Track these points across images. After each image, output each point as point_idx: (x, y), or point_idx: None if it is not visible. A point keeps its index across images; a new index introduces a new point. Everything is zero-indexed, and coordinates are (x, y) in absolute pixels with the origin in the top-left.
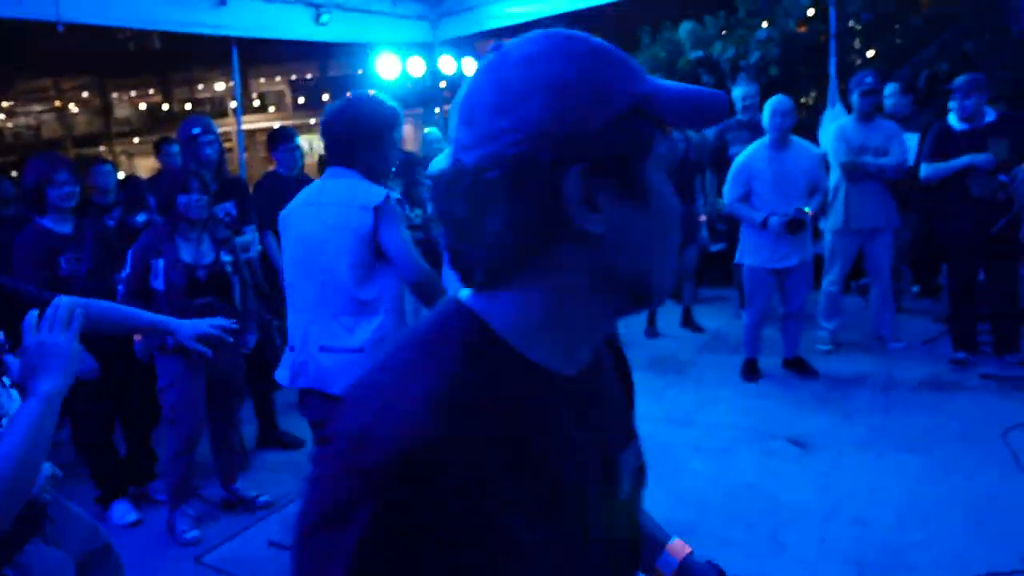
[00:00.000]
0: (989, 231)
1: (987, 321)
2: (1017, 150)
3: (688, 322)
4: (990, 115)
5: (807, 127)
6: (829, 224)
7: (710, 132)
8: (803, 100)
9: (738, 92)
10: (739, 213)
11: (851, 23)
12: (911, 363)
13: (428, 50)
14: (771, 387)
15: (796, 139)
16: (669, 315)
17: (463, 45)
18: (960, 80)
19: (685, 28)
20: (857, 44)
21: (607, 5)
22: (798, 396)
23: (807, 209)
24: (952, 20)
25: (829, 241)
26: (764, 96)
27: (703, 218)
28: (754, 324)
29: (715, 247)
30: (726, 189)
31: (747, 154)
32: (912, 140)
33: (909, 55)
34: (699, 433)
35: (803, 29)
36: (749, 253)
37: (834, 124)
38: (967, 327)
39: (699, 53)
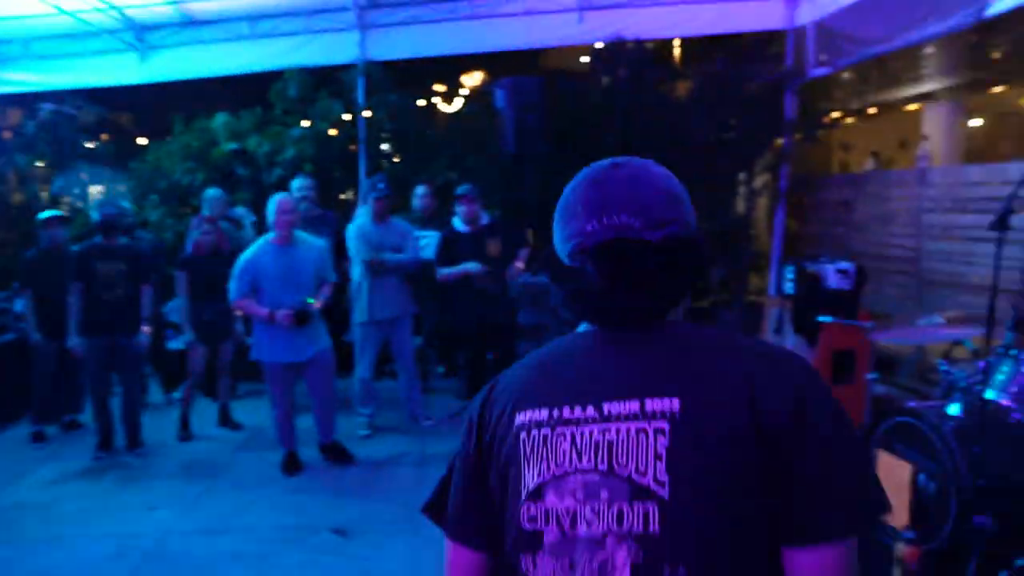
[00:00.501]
0: (492, 317)
1: None
2: (508, 248)
3: (225, 420)
4: (486, 218)
5: (343, 223)
6: (356, 317)
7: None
8: (342, 196)
9: (296, 183)
10: (246, 309)
11: (382, 133)
12: (441, 438)
13: None
14: (313, 479)
15: (301, 234)
16: (204, 414)
17: None
18: (460, 189)
19: (220, 119)
20: (387, 148)
21: (142, 87)
22: (339, 484)
23: (311, 300)
24: (460, 138)
25: (358, 333)
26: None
27: (238, 312)
28: (283, 417)
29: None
30: (231, 285)
31: (252, 251)
32: (435, 236)
33: (428, 163)
34: (238, 540)
35: (335, 132)
36: (264, 349)
37: (354, 224)
38: None
39: (234, 145)
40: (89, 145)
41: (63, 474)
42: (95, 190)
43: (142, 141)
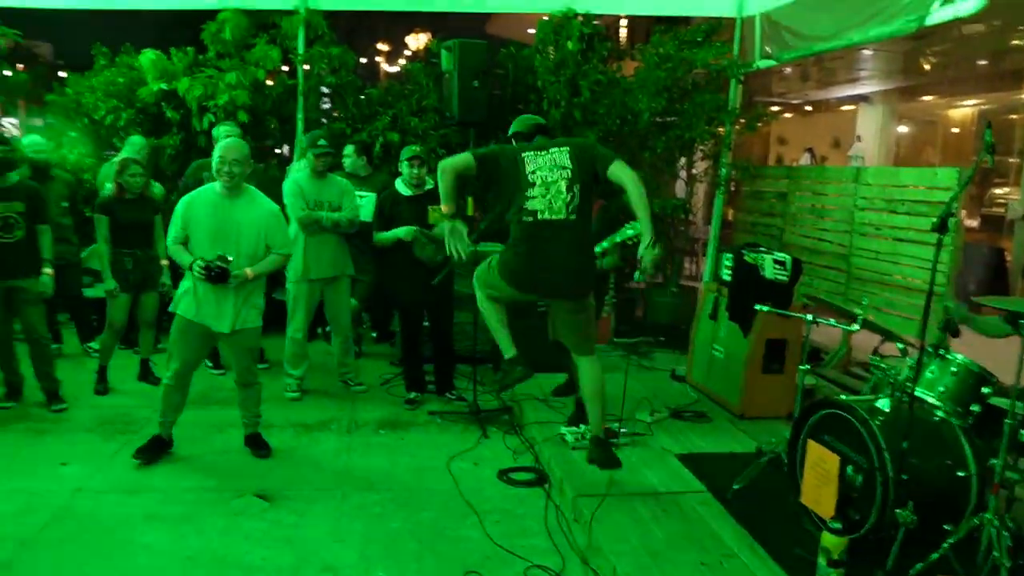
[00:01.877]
0: (430, 284)
1: (431, 363)
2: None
3: (146, 375)
4: (430, 184)
5: (278, 179)
6: (290, 274)
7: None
8: (277, 151)
9: (221, 130)
10: (174, 255)
11: (321, 87)
12: (372, 404)
13: None
14: (238, 439)
15: (254, 191)
16: (123, 368)
17: None
18: (411, 151)
19: (148, 57)
20: (326, 104)
21: (62, 14)
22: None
23: (231, 256)
24: (401, 98)
25: (291, 290)
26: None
27: (164, 262)
28: (175, 377)
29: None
30: (170, 228)
31: (194, 193)
32: (370, 198)
33: (368, 122)
34: (155, 500)
35: (271, 81)
36: (182, 302)
37: (290, 179)
38: (415, 369)
39: (163, 86)
40: (6, 73)
41: None
42: (7, 122)
43: (62, 75)
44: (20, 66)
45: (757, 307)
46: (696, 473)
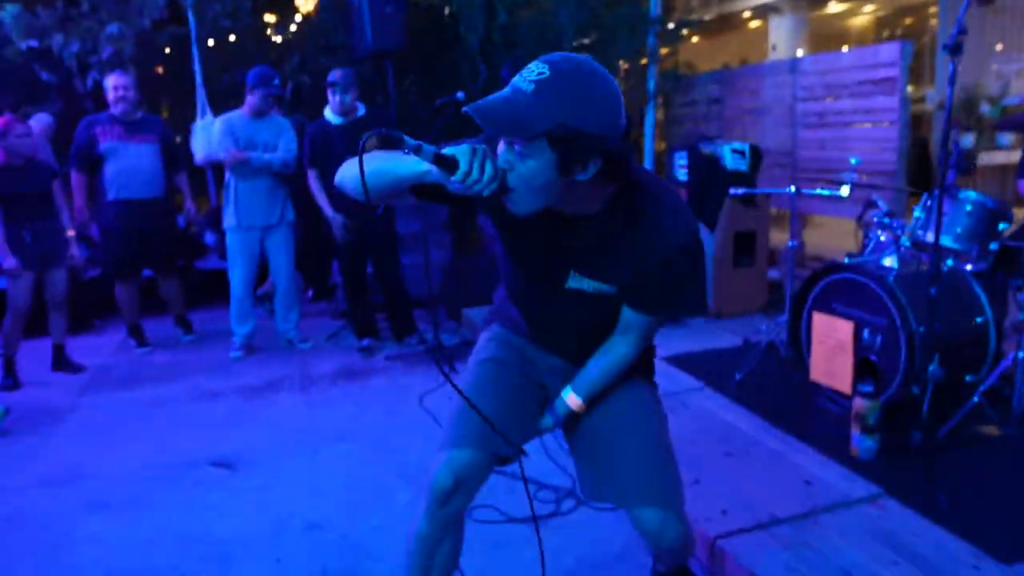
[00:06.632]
0: (367, 226)
1: (383, 311)
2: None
3: (61, 363)
4: (361, 110)
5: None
6: (226, 222)
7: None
8: (163, 111)
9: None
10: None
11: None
12: (322, 359)
13: None
14: (179, 413)
15: None
16: (35, 358)
17: None
18: (333, 76)
19: (10, 12)
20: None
21: None
22: (214, 416)
23: None
24: (309, 38)
25: (229, 241)
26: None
27: (71, 233)
28: None
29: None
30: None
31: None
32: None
33: (276, 66)
34: (94, 488)
35: (160, 29)
36: None
37: (219, 119)
38: (365, 316)
39: (34, 43)
40: None
41: None
42: None
43: None
44: None
45: (733, 192)
46: (689, 371)
